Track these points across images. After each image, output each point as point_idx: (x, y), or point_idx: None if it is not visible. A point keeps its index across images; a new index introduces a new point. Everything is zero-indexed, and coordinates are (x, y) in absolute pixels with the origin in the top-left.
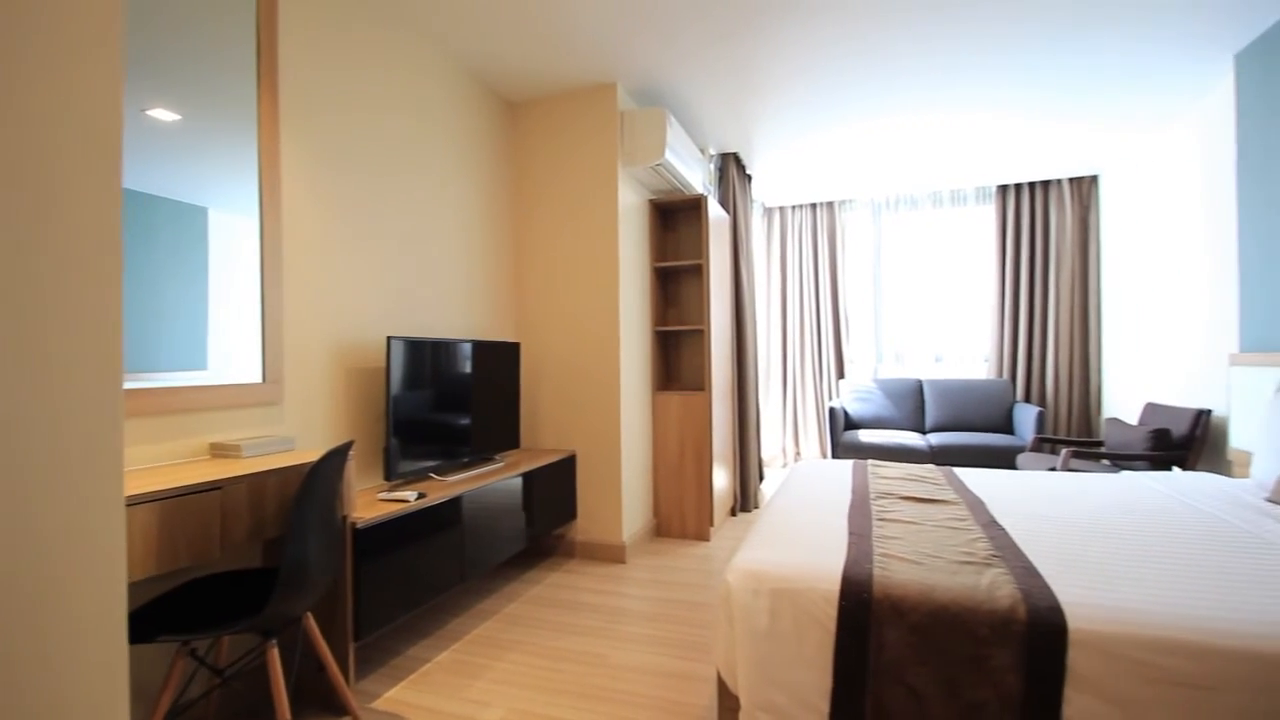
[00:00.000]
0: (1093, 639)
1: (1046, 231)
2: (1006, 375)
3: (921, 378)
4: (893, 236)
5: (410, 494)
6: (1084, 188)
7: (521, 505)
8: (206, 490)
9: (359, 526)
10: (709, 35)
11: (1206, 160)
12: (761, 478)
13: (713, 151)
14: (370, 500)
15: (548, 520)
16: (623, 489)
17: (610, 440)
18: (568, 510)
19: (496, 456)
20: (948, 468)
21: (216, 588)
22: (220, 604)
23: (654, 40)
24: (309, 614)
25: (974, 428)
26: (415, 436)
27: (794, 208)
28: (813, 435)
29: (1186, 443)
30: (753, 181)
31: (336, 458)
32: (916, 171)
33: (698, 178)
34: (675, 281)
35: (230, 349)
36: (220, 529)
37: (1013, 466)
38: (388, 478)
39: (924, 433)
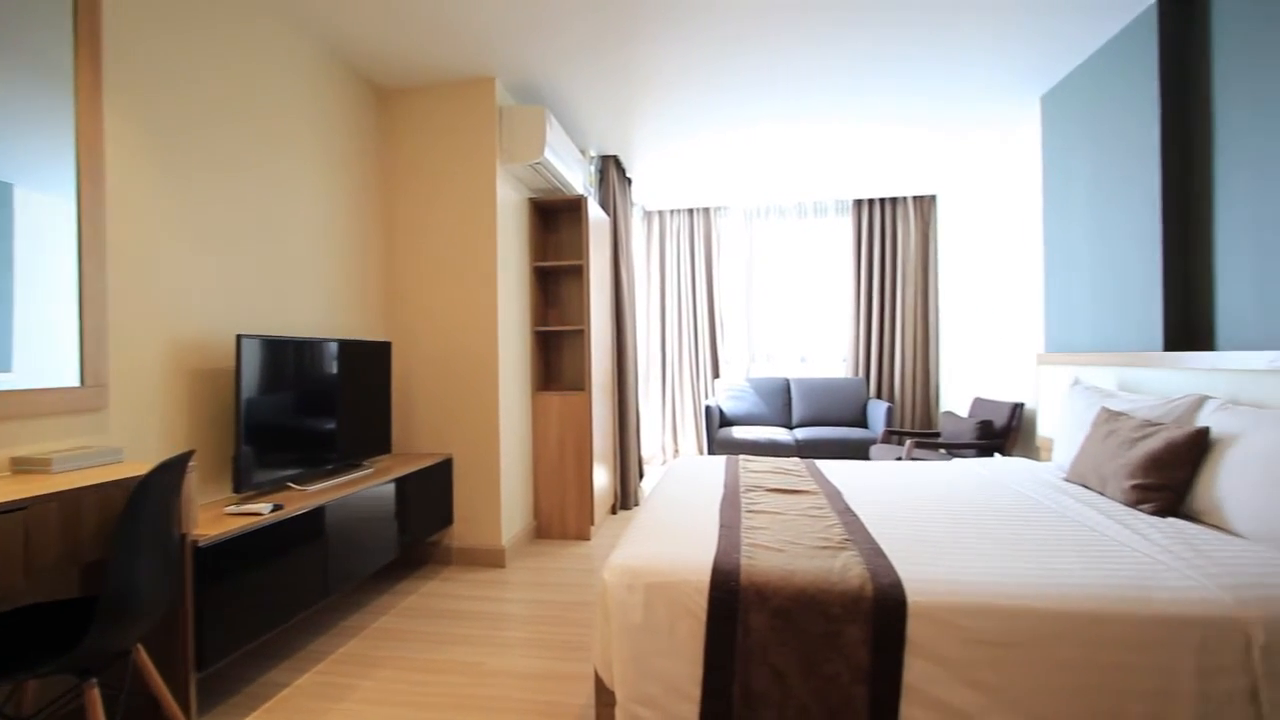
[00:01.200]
0: (926, 609)
1: (895, 243)
2: (861, 374)
3: (789, 377)
4: (763, 243)
5: (264, 506)
6: (925, 206)
7: (393, 513)
8: (3, 512)
9: (201, 545)
10: (589, 33)
11: (1019, 187)
12: (641, 475)
13: (593, 153)
14: (216, 515)
15: (422, 527)
16: (502, 491)
17: (489, 442)
18: (444, 516)
19: (365, 463)
20: (810, 460)
21: (19, 623)
22: (22, 642)
23: (533, 35)
24: (139, 646)
25: (834, 422)
26: (272, 444)
27: (672, 212)
28: (690, 433)
29: (1005, 432)
30: (633, 185)
31: (172, 469)
32: (784, 182)
33: (578, 179)
34: (556, 282)
35: (41, 348)
36: (23, 556)
37: (867, 457)
38: (238, 489)
39: (791, 428)
